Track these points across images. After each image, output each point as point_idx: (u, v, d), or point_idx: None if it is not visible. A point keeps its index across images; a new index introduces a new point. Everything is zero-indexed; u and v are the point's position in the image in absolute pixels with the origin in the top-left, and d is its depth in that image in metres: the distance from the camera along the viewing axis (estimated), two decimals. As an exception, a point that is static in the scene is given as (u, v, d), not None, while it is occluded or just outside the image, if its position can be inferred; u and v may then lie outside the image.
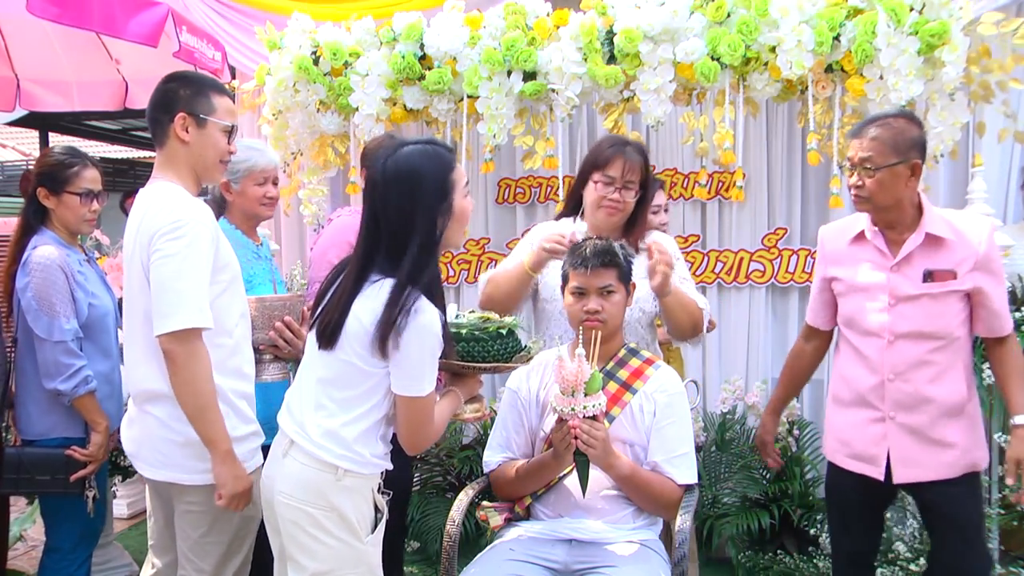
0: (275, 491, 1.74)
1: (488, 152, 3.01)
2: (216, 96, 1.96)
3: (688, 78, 2.74)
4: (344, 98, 3.09)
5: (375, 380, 1.69)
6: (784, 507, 3.08)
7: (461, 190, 1.71)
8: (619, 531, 2.11)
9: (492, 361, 1.84)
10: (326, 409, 1.71)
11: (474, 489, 2.29)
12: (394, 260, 1.66)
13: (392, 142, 1.74)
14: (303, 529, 1.70)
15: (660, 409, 2.15)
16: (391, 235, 1.66)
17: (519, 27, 2.88)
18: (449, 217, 1.69)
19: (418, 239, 1.65)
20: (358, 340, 1.66)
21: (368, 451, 1.72)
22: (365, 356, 1.66)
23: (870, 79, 2.56)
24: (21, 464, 2.35)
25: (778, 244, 3.47)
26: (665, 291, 2.26)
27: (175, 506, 1.99)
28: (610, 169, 2.34)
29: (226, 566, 1.99)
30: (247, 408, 1.99)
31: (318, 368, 1.74)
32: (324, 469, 1.69)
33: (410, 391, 1.67)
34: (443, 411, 1.82)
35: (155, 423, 1.92)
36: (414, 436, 1.74)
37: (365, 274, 1.69)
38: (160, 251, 1.81)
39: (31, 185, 2.46)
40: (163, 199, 1.89)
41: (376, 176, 1.68)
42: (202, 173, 2.00)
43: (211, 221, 1.90)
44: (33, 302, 2.31)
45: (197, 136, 1.94)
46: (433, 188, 1.65)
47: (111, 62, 4.15)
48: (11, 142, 10.20)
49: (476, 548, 2.39)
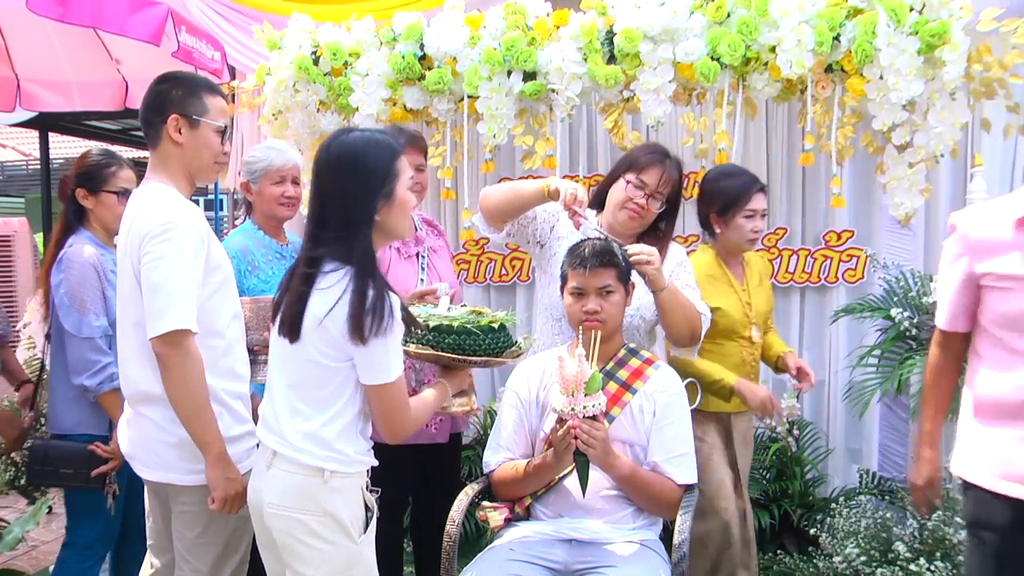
0: (263, 504, 1.74)
1: (488, 152, 3.01)
2: (209, 96, 1.96)
3: (688, 78, 2.73)
4: (344, 98, 3.09)
5: (342, 376, 1.69)
6: (784, 507, 3.08)
7: (405, 180, 1.73)
8: (619, 531, 2.11)
9: (483, 355, 1.84)
10: (301, 414, 1.71)
11: (474, 489, 2.29)
12: (341, 243, 1.67)
13: (341, 129, 1.78)
14: (296, 538, 1.70)
15: (660, 409, 2.15)
16: (336, 218, 1.69)
17: (519, 27, 2.88)
18: (390, 204, 1.70)
19: (359, 222, 1.67)
20: (318, 335, 1.67)
21: (351, 449, 1.73)
22: (327, 352, 1.67)
23: (870, 79, 2.55)
24: (47, 457, 2.42)
25: (778, 244, 3.47)
26: (659, 285, 2.23)
27: (171, 507, 1.99)
28: (646, 175, 2.33)
29: (223, 566, 1.99)
30: (242, 408, 2.00)
31: (284, 374, 1.75)
32: (310, 473, 1.69)
33: (378, 379, 1.68)
34: (427, 401, 1.84)
35: (149, 424, 1.93)
36: (390, 423, 1.74)
37: (316, 260, 1.70)
38: (150, 254, 1.82)
39: (70, 187, 2.51)
40: (153, 201, 1.89)
41: (321, 159, 1.72)
42: (196, 174, 2.00)
43: (201, 223, 1.89)
44: (65, 298, 2.37)
45: (190, 137, 1.93)
46: (374, 172, 1.68)
47: (111, 62, 4.15)
48: (11, 142, 10.20)
49: (476, 548, 2.39)
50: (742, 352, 2.60)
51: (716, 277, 2.59)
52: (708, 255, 2.63)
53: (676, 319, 2.30)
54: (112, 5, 2.76)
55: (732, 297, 2.58)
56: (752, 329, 2.60)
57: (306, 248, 1.74)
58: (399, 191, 1.72)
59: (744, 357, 2.60)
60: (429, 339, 1.84)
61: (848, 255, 3.41)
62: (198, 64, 3.18)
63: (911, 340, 2.77)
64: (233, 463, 1.88)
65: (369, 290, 1.63)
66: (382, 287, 1.66)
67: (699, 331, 2.36)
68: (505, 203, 2.39)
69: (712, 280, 2.57)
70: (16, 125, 5.73)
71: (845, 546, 2.66)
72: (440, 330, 1.83)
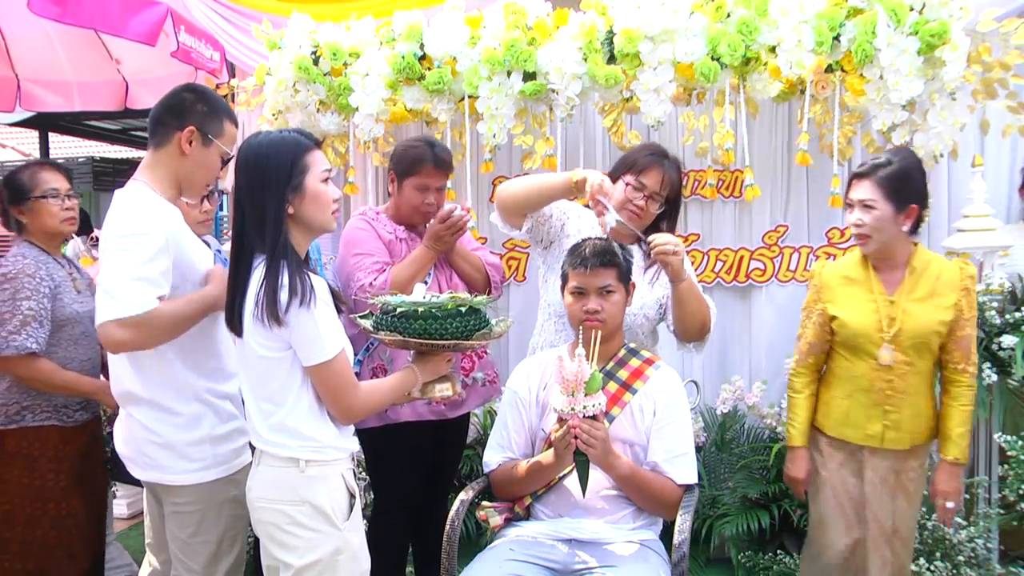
0: (252, 500, 1.80)
1: (488, 152, 3.01)
2: (227, 122, 2.00)
3: (688, 78, 2.73)
4: (344, 98, 3.09)
5: (287, 365, 1.73)
6: (784, 507, 3.08)
7: (316, 174, 1.78)
8: (619, 531, 2.11)
9: (451, 338, 1.84)
10: (264, 410, 1.76)
11: (474, 489, 2.29)
12: (260, 235, 1.73)
13: (252, 134, 1.84)
14: (280, 528, 1.74)
15: (660, 409, 2.15)
16: (251, 213, 1.75)
17: (519, 27, 2.88)
18: (301, 196, 1.75)
19: (271, 215, 1.73)
20: (254, 327, 1.72)
21: (322, 435, 1.76)
22: (265, 343, 1.72)
23: (870, 79, 2.56)
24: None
25: (779, 242, 3.46)
26: (681, 276, 2.22)
27: (164, 507, 2.00)
28: (645, 177, 2.33)
29: (216, 566, 1.99)
30: (229, 406, 2.01)
31: (244, 373, 1.81)
32: (287, 465, 1.75)
33: (315, 358, 1.71)
34: (386, 384, 1.87)
35: (137, 425, 1.94)
36: (336, 404, 1.77)
37: (245, 254, 1.76)
38: (106, 251, 1.84)
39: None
40: (126, 203, 1.90)
41: (236, 161, 1.80)
42: (186, 188, 2.02)
43: (170, 228, 1.89)
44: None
45: (199, 153, 1.96)
46: (279, 168, 1.74)
47: (111, 62, 4.15)
48: (11, 142, 10.19)
49: (476, 548, 2.39)
50: (871, 375, 2.22)
51: (853, 279, 2.28)
52: (855, 256, 2.32)
53: (691, 311, 2.29)
54: (112, 6, 2.76)
55: (863, 306, 2.23)
56: (883, 348, 2.19)
57: (234, 246, 1.79)
58: (309, 184, 1.76)
59: (874, 383, 2.22)
60: (396, 325, 1.85)
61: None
62: (197, 64, 3.19)
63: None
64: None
65: (281, 273, 1.69)
66: (296, 270, 1.70)
67: (709, 324, 2.36)
68: (528, 196, 2.37)
69: (847, 283, 2.28)
70: (16, 124, 5.73)
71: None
72: (406, 316, 1.84)
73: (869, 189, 2.17)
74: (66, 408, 2.48)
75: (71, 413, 2.49)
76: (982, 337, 2.61)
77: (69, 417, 2.49)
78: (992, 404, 2.74)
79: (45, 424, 2.45)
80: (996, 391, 2.67)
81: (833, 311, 2.27)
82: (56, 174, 2.54)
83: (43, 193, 2.48)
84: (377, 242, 2.54)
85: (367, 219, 2.60)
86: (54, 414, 2.46)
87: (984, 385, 2.60)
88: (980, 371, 2.59)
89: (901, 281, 2.22)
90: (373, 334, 1.92)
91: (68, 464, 2.48)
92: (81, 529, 2.51)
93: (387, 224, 2.60)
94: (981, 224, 2.85)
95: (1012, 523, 2.80)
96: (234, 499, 1.96)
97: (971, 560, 2.68)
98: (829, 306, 2.28)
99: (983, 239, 2.83)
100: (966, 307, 2.18)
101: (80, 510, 2.51)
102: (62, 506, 2.47)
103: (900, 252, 2.22)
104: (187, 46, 3.09)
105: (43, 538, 2.45)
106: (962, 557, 2.65)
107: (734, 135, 2.72)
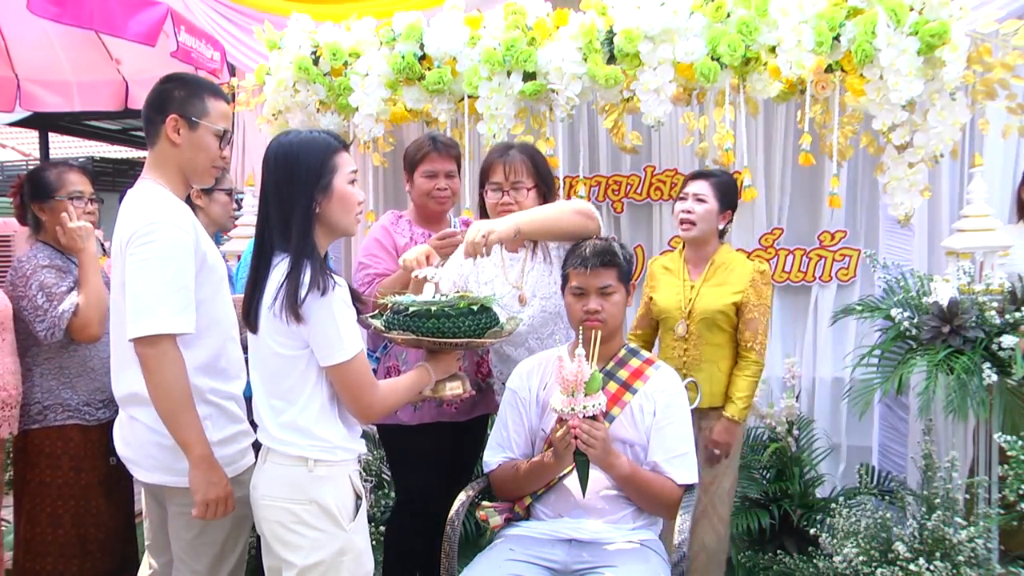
0: (257, 498, 1.79)
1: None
2: (211, 99, 1.96)
3: (688, 78, 2.73)
4: (344, 98, 3.09)
5: (303, 363, 1.74)
6: (784, 507, 3.08)
7: (344, 175, 1.79)
8: (619, 531, 2.11)
9: (463, 337, 1.85)
10: (276, 407, 1.76)
11: (474, 489, 2.29)
12: (283, 234, 1.74)
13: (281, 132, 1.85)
14: (285, 527, 1.74)
15: (660, 409, 2.15)
16: (277, 211, 1.76)
17: (519, 27, 2.88)
18: (328, 197, 1.76)
19: (299, 214, 1.73)
20: (271, 324, 1.72)
21: (332, 435, 1.76)
22: (281, 340, 1.72)
23: (870, 79, 2.55)
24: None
25: (775, 244, 3.47)
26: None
27: (168, 508, 1.99)
28: (493, 176, 2.41)
29: (220, 567, 1.99)
30: (235, 408, 2.00)
31: (258, 369, 1.81)
32: (295, 463, 1.74)
33: (333, 358, 1.72)
34: (401, 383, 1.88)
35: (141, 427, 1.93)
36: (357, 403, 1.78)
37: (265, 251, 1.77)
38: (134, 255, 1.82)
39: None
40: (143, 201, 1.89)
41: (264, 161, 1.80)
42: (191, 176, 2.00)
43: (190, 225, 1.89)
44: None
45: (188, 138, 1.93)
46: (309, 167, 1.74)
47: (111, 62, 4.15)
48: (11, 142, 10.20)
49: (476, 548, 2.39)
50: (673, 344, 2.68)
51: (670, 269, 2.76)
52: (676, 252, 2.81)
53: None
54: (112, 6, 2.76)
55: (672, 289, 2.70)
56: (680, 324, 2.64)
57: (256, 244, 1.80)
58: (337, 185, 1.77)
59: (674, 350, 2.67)
60: (410, 324, 1.85)
61: (841, 255, 3.41)
62: (197, 64, 3.19)
63: (911, 340, 2.77)
64: (218, 466, 1.85)
65: (304, 272, 1.69)
66: (319, 270, 1.70)
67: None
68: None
69: (665, 272, 2.76)
70: (16, 124, 5.73)
71: (845, 546, 2.65)
72: (419, 315, 1.85)
73: (705, 187, 2.63)
74: (88, 407, 2.49)
75: (93, 412, 2.50)
76: (982, 337, 2.61)
77: (91, 416, 2.50)
78: (992, 404, 2.74)
79: (67, 423, 2.47)
80: (996, 391, 2.66)
81: (652, 294, 2.74)
82: (83, 177, 2.57)
83: (68, 194, 2.50)
84: (382, 251, 2.58)
85: (385, 224, 2.66)
86: (75, 413, 2.48)
87: (984, 385, 2.60)
88: (980, 371, 2.59)
89: (703, 271, 2.67)
90: (385, 333, 1.93)
91: (91, 463, 2.49)
92: (106, 528, 2.53)
93: (407, 228, 2.64)
94: (981, 224, 2.85)
95: (1012, 523, 2.80)
96: (238, 500, 1.95)
97: (971, 560, 2.68)
98: (650, 291, 2.76)
99: (983, 239, 2.82)
100: (753, 296, 2.61)
101: (104, 508, 2.52)
102: (84, 504, 2.48)
103: (710, 246, 2.69)
104: (187, 46, 3.09)
105: (64, 537, 2.46)
106: (962, 557, 2.65)
107: (734, 135, 2.72)
